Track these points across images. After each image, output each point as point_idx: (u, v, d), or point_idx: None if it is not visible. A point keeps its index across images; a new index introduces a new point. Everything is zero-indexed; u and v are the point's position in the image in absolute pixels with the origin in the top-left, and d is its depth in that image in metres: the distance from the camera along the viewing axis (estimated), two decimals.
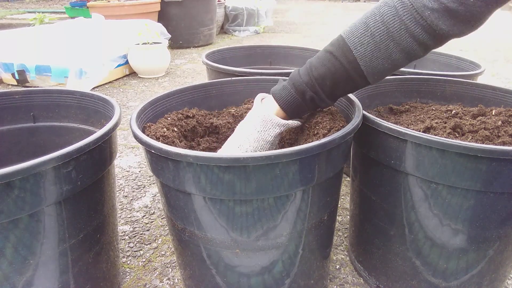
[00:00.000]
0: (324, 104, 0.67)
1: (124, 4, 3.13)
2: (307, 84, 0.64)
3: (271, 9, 4.72)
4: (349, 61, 0.60)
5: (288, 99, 0.66)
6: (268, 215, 0.60)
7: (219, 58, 1.42)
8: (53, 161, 0.53)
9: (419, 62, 1.44)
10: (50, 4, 6.40)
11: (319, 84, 0.63)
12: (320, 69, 0.63)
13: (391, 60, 0.60)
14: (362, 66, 0.60)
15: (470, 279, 0.72)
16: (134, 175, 1.38)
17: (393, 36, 0.57)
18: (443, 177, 0.63)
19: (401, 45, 0.58)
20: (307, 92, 0.64)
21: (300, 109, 0.67)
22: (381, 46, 0.58)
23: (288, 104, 0.66)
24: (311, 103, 0.66)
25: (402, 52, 0.59)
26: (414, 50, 0.59)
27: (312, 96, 0.64)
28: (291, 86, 0.66)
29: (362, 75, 0.61)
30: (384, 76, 0.63)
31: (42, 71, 2.32)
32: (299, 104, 0.66)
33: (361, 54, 0.59)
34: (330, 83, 0.63)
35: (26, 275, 0.58)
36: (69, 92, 0.87)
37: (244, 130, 0.68)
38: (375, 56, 0.59)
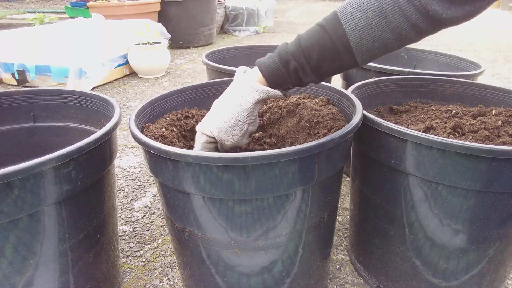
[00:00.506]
0: (308, 78, 0.63)
1: (124, 4, 3.13)
2: (292, 54, 0.62)
3: (271, 9, 4.72)
4: (338, 35, 0.59)
5: (272, 66, 0.63)
6: (268, 215, 0.60)
7: (219, 58, 1.42)
8: (53, 161, 0.53)
9: (419, 62, 1.44)
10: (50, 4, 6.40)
11: (305, 55, 0.61)
12: (308, 41, 0.61)
13: (381, 39, 0.58)
14: (351, 42, 0.59)
15: (470, 279, 0.72)
16: (134, 175, 1.38)
17: (386, 14, 0.56)
18: (443, 177, 0.63)
19: (392, 24, 0.56)
20: (291, 62, 0.62)
21: (283, 80, 0.64)
22: (372, 23, 0.57)
23: (270, 72, 0.63)
24: (294, 75, 0.63)
25: (393, 32, 0.57)
26: (406, 31, 0.57)
27: (296, 67, 0.62)
28: (276, 55, 0.63)
29: (351, 51, 0.60)
30: (372, 57, 0.61)
31: (42, 71, 2.32)
32: (282, 73, 0.63)
33: (351, 29, 0.58)
34: (316, 56, 0.61)
35: (26, 275, 0.58)
36: (69, 92, 0.87)
37: (223, 98, 0.66)
38: (366, 32, 0.58)
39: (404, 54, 1.45)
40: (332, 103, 0.81)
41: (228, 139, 0.64)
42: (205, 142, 0.66)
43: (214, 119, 0.64)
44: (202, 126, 0.66)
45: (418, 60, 1.44)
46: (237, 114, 0.63)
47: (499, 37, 4.02)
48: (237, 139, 0.65)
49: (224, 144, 0.65)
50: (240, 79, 0.65)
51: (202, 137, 0.66)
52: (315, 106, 0.76)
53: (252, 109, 0.64)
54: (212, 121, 0.64)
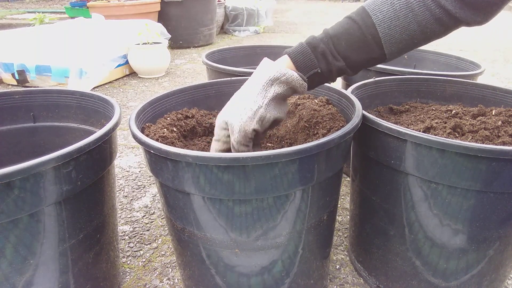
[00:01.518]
0: (337, 63, 0.62)
1: (124, 4, 3.13)
2: (321, 39, 0.63)
3: (271, 9, 4.72)
4: (367, 25, 0.61)
5: (298, 49, 0.63)
6: (268, 215, 0.60)
7: (219, 58, 1.42)
8: (53, 161, 0.53)
9: (419, 62, 1.44)
10: (50, 4, 6.40)
11: (333, 41, 0.62)
12: (336, 30, 0.63)
13: (408, 31, 0.61)
14: (380, 33, 0.61)
15: (470, 279, 0.72)
16: (134, 175, 1.38)
17: (412, 7, 0.59)
18: (443, 177, 0.63)
19: (419, 16, 0.59)
20: (319, 46, 0.62)
21: (310, 61, 0.62)
22: (399, 14, 0.60)
23: (297, 53, 0.63)
24: (322, 58, 0.62)
25: (420, 25, 0.60)
26: (431, 25, 0.60)
27: (324, 50, 0.62)
28: (305, 41, 0.64)
29: (379, 42, 0.61)
30: (400, 50, 0.63)
31: (42, 71, 2.32)
32: (309, 55, 0.62)
33: (379, 20, 0.60)
34: (345, 43, 0.62)
35: (26, 275, 0.59)
36: (69, 92, 0.87)
37: (243, 86, 0.64)
38: (394, 24, 0.60)
39: (404, 54, 1.45)
40: (332, 103, 0.81)
41: (236, 120, 0.59)
42: (218, 128, 0.63)
43: (230, 105, 0.62)
44: (220, 112, 0.63)
45: (418, 60, 1.44)
46: (248, 94, 0.60)
47: (499, 37, 4.02)
48: (245, 119, 0.59)
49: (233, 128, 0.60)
50: (262, 64, 0.63)
51: (217, 122, 0.63)
52: (315, 107, 0.76)
53: (264, 89, 0.60)
54: (227, 106, 0.63)
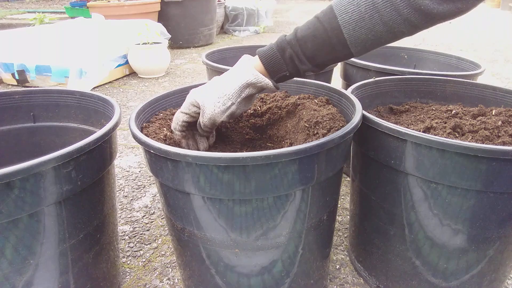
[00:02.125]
0: (304, 66, 0.66)
1: (124, 4, 3.13)
2: (289, 42, 0.65)
3: (271, 9, 4.72)
4: (332, 27, 0.61)
5: (269, 53, 0.67)
6: (268, 215, 0.60)
7: (219, 58, 1.42)
8: (53, 161, 0.53)
9: (419, 62, 1.44)
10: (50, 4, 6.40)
11: (300, 44, 0.64)
12: (304, 31, 0.64)
13: (374, 32, 0.60)
14: (345, 34, 0.61)
15: (470, 279, 0.72)
16: (134, 175, 1.38)
17: (378, 8, 0.58)
18: (443, 177, 0.63)
19: (385, 17, 0.58)
20: (287, 50, 0.65)
21: (279, 66, 0.67)
22: (365, 16, 0.59)
23: (267, 57, 0.67)
24: (290, 62, 0.66)
25: (386, 25, 0.59)
26: (398, 25, 0.59)
27: (291, 54, 0.65)
28: (275, 43, 0.67)
29: (345, 43, 0.62)
30: (367, 48, 0.63)
31: (42, 71, 2.32)
32: (278, 60, 0.66)
33: (345, 22, 0.60)
34: (311, 46, 0.64)
35: (26, 275, 0.59)
36: (69, 92, 0.87)
37: (220, 77, 0.69)
38: (359, 25, 0.60)
39: (404, 54, 1.45)
40: (332, 103, 0.81)
41: (209, 108, 0.66)
42: (190, 104, 0.68)
43: (205, 88, 0.68)
44: (195, 90, 0.70)
45: (418, 60, 1.44)
46: (225, 89, 0.66)
47: (499, 37, 4.02)
48: (217, 111, 0.66)
49: (205, 112, 0.67)
50: (240, 63, 0.69)
51: (189, 98, 0.69)
52: (315, 107, 0.76)
53: (240, 89, 0.66)
54: (204, 90, 0.68)
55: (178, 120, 0.69)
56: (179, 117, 0.69)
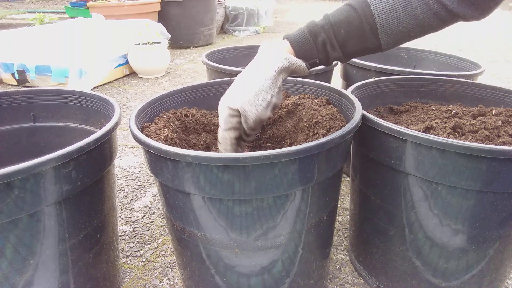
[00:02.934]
0: (335, 53, 0.65)
1: (124, 4, 3.13)
2: (322, 27, 0.65)
3: (271, 9, 4.72)
4: (366, 15, 0.62)
5: (300, 38, 0.65)
6: (268, 215, 0.60)
7: (219, 58, 1.42)
8: (53, 161, 0.53)
9: (419, 62, 1.44)
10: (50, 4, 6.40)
11: (333, 29, 0.64)
12: (337, 16, 0.64)
13: (405, 24, 0.62)
14: (377, 23, 0.62)
15: (470, 279, 0.72)
16: (134, 175, 1.38)
17: (411, 1, 0.60)
18: (443, 177, 0.63)
19: (417, 10, 0.60)
20: (320, 34, 0.65)
21: (311, 52, 0.65)
22: (398, 7, 0.61)
23: (299, 42, 0.65)
24: (322, 48, 0.65)
25: (417, 19, 0.61)
26: (428, 18, 0.61)
27: (324, 40, 0.64)
28: (305, 27, 0.66)
29: (376, 33, 0.63)
30: (396, 41, 0.65)
31: (42, 71, 2.32)
32: (310, 45, 0.65)
33: (378, 11, 0.62)
34: (344, 32, 0.64)
35: (26, 275, 0.59)
36: (69, 92, 0.87)
37: (246, 71, 0.65)
38: (392, 16, 0.61)
39: (404, 54, 1.45)
40: (332, 103, 0.81)
41: (251, 110, 0.61)
42: (228, 116, 0.63)
43: (237, 90, 0.63)
44: (225, 99, 0.64)
45: (418, 60, 1.44)
46: (260, 83, 0.62)
47: (499, 37, 4.02)
48: (261, 110, 0.62)
49: (248, 117, 0.62)
50: (265, 50, 0.65)
51: (225, 110, 0.63)
52: (315, 107, 0.76)
53: (275, 78, 0.63)
54: (235, 93, 0.63)
55: (226, 140, 0.64)
56: (226, 136, 0.64)
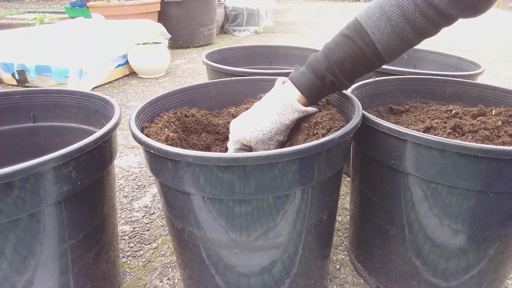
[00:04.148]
0: (343, 87, 0.69)
1: (124, 4, 3.13)
2: (327, 68, 0.66)
3: (271, 9, 4.72)
4: (367, 44, 0.63)
5: (309, 84, 0.67)
6: (268, 215, 0.60)
7: (219, 58, 1.42)
8: (53, 161, 0.53)
9: (419, 62, 1.44)
10: (50, 4, 6.40)
11: (338, 68, 0.65)
12: (338, 54, 0.65)
13: (406, 40, 0.63)
14: (380, 49, 0.63)
15: (470, 279, 0.72)
16: (134, 175, 1.38)
17: (408, 19, 0.60)
18: (443, 177, 0.63)
19: (416, 26, 0.61)
20: (327, 77, 0.66)
21: (320, 93, 0.69)
22: (397, 29, 0.61)
23: (308, 89, 0.68)
24: (330, 87, 0.68)
25: (417, 32, 0.62)
26: (427, 30, 0.62)
27: (333, 81, 0.66)
28: (310, 71, 0.67)
29: (379, 56, 0.64)
30: (399, 55, 0.66)
31: (42, 71, 2.32)
32: (319, 89, 0.68)
33: (378, 38, 0.62)
34: (349, 67, 0.65)
35: (26, 275, 0.59)
36: (69, 92, 0.87)
37: (262, 110, 0.69)
38: (392, 38, 0.62)
39: (404, 54, 1.45)
40: (332, 103, 0.81)
41: (264, 148, 0.69)
42: (239, 149, 0.70)
43: (253, 129, 0.68)
44: (239, 133, 0.69)
45: (418, 60, 1.44)
46: (276, 129, 0.68)
47: (499, 37, 4.02)
48: (272, 147, 0.70)
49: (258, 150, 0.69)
50: (281, 97, 0.69)
51: (237, 143, 0.70)
52: None
53: (290, 125, 0.69)
54: (251, 132, 0.68)
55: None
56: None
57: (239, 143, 0.69)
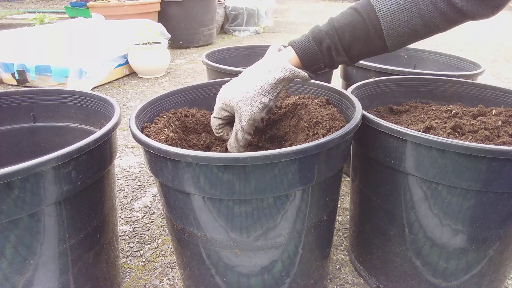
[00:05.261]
0: (340, 58, 0.66)
1: (124, 4, 3.13)
2: (326, 33, 0.65)
3: (271, 9, 4.72)
4: (370, 18, 0.62)
5: (305, 45, 0.65)
6: (268, 215, 0.60)
7: (219, 58, 1.42)
8: (53, 161, 0.53)
9: (419, 62, 1.44)
10: (50, 4, 6.40)
11: (338, 34, 0.64)
12: (341, 21, 0.64)
13: (411, 25, 0.61)
14: (382, 26, 0.62)
15: (470, 279, 0.72)
16: (134, 175, 1.38)
17: (416, 1, 0.59)
18: (443, 177, 0.63)
19: (423, 10, 0.60)
20: (325, 40, 0.65)
21: (316, 58, 0.66)
22: (403, 8, 0.60)
23: (304, 50, 0.66)
24: (327, 53, 0.65)
25: (423, 19, 0.61)
26: (435, 19, 0.60)
27: (329, 45, 0.64)
28: (309, 33, 0.66)
29: (381, 35, 0.63)
30: (402, 43, 0.64)
31: (42, 71, 2.32)
32: (315, 52, 0.65)
33: (383, 14, 0.61)
34: (348, 36, 0.64)
35: (26, 275, 0.59)
36: (69, 92, 0.87)
37: (249, 71, 0.67)
38: (397, 18, 0.61)
39: (404, 54, 1.45)
40: (332, 103, 0.81)
41: (247, 109, 0.64)
42: (221, 109, 0.67)
43: (237, 88, 0.65)
44: (224, 91, 0.67)
45: (418, 60, 1.44)
46: (260, 86, 0.64)
47: (499, 37, 4.02)
48: (256, 111, 0.65)
49: (242, 115, 0.65)
50: (271, 56, 0.66)
51: (220, 102, 0.67)
52: (314, 107, 0.76)
53: (276, 85, 0.65)
54: (235, 90, 0.65)
55: (214, 125, 0.70)
56: (214, 122, 0.70)
57: (221, 101, 0.67)
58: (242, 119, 0.65)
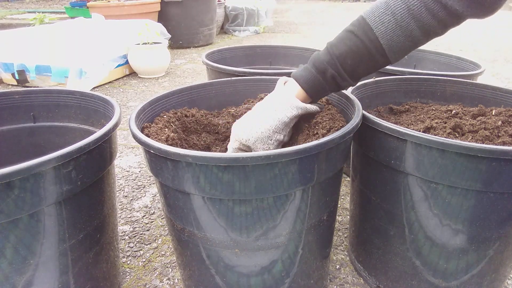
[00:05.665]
0: (345, 83, 0.66)
1: (124, 4, 3.13)
2: (328, 62, 0.64)
3: (271, 9, 4.72)
4: (370, 39, 0.61)
5: (309, 78, 0.66)
6: (268, 215, 0.60)
7: (219, 58, 1.42)
8: (53, 161, 0.53)
9: (419, 62, 1.44)
10: (50, 4, 6.40)
11: (340, 62, 0.64)
12: (341, 48, 0.64)
13: (411, 38, 0.61)
14: (383, 45, 0.61)
15: (470, 279, 0.72)
16: (134, 175, 1.38)
17: (414, 14, 0.59)
18: (443, 177, 0.63)
19: (421, 22, 0.59)
20: (328, 71, 0.65)
21: (321, 89, 0.67)
22: (402, 24, 0.60)
23: (309, 84, 0.66)
24: (332, 82, 0.66)
25: (422, 29, 0.60)
26: (434, 27, 0.60)
27: (333, 75, 0.65)
28: (311, 66, 0.66)
29: (383, 53, 0.62)
30: (404, 54, 0.64)
31: (42, 71, 2.32)
32: (320, 83, 0.66)
33: (382, 33, 0.61)
34: (351, 62, 0.63)
35: (26, 275, 0.59)
36: (69, 92, 0.87)
37: (261, 109, 0.68)
38: (396, 34, 0.61)
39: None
40: (332, 103, 0.81)
41: (264, 147, 0.68)
42: (238, 148, 0.69)
43: (252, 128, 0.67)
44: (239, 133, 0.68)
45: (418, 60, 1.44)
46: (274, 126, 0.66)
47: (499, 37, 4.02)
48: (273, 148, 0.68)
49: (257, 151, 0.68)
50: (281, 94, 0.68)
51: (236, 142, 0.69)
52: None
53: (288, 123, 0.68)
54: (250, 130, 0.67)
55: None
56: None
57: (237, 142, 0.68)
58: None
